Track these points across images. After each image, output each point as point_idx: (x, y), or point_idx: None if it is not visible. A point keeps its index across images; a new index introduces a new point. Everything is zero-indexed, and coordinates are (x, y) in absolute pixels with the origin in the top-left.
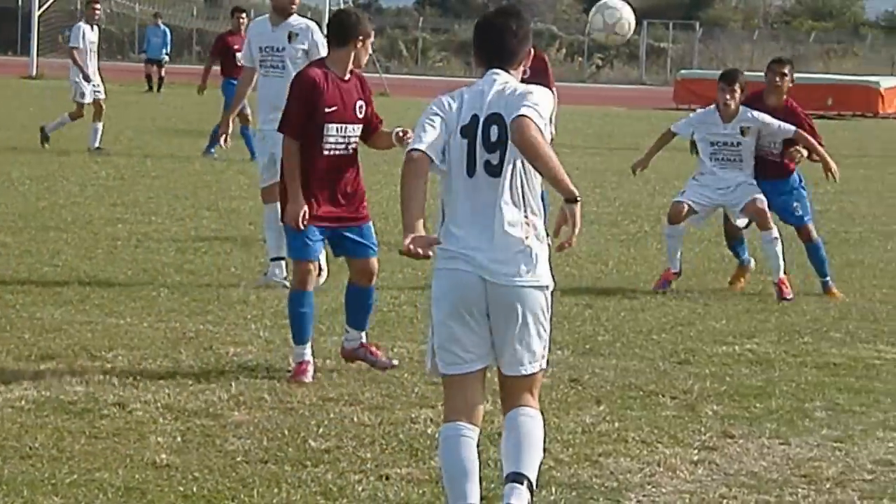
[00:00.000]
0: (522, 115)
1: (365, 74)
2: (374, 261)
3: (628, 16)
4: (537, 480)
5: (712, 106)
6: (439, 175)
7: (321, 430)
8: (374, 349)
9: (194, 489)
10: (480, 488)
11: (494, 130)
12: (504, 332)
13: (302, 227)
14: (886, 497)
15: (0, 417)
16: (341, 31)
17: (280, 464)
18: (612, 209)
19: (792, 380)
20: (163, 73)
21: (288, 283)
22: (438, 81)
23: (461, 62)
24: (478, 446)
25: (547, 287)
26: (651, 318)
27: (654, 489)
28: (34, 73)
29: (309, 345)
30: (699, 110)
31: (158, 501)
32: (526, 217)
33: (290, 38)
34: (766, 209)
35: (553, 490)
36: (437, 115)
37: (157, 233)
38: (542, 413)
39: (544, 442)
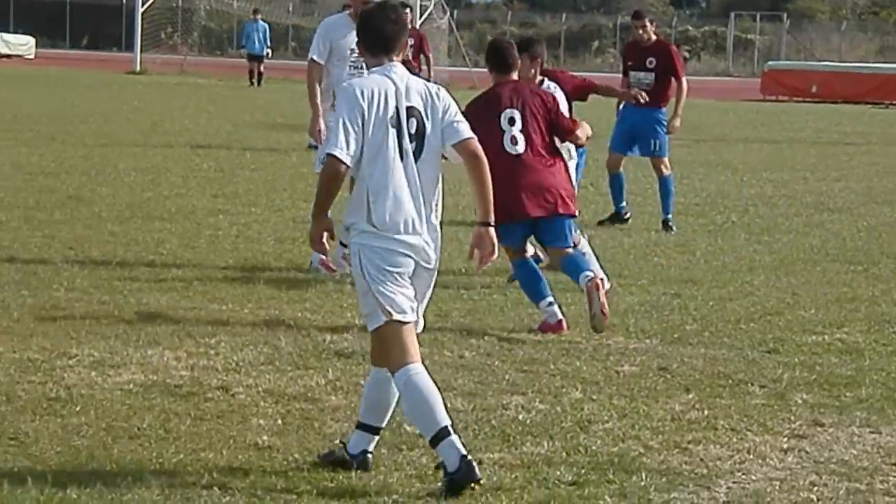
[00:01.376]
0: (471, 139)
1: (454, 68)
2: None
3: None
4: (627, 467)
5: None
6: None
7: None
8: None
9: (294, 470)
10: None
11: (413, 123)
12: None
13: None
14: None
15: (109, 400)
16: None
17: (376, 447)
18: (700, 199)
19: (882, 369)
20: (262, 69)
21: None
22: None
23: (549, 55)
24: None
25: None
26: (739, 308)
27: (743, 476)
28: (137, 68)
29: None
30: None
31: (260, 481)
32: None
33: None
34: None
35: (643, 476)
36: (358, 112)
37: (257, 223)
38: (632, 400)
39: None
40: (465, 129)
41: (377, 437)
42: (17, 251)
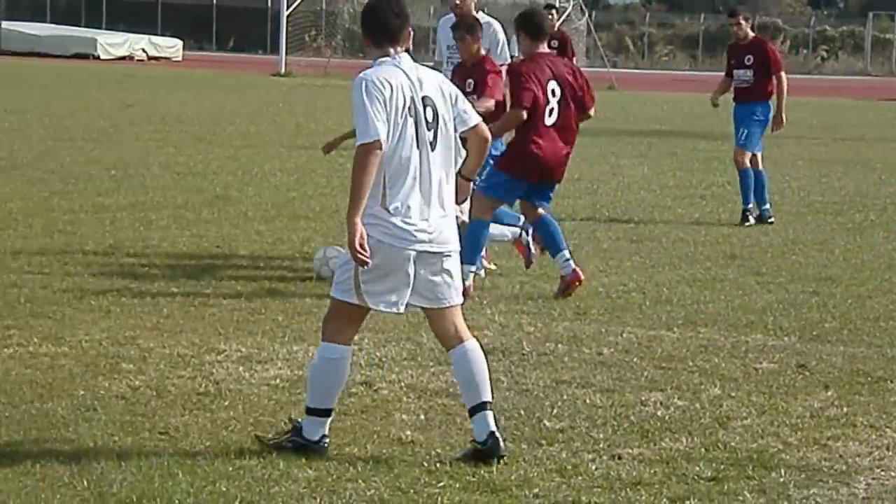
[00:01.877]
0: (479, 124)
1: (593, 69)
2: None
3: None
4: (766, 463)
5: None
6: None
7: (555, 410)
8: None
9: (437, 464)
10: None
11: (429, 112)
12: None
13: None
14: None
15: (257, 395)
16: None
17: (517, 442)
18: (838, 198)
19: None
20: None
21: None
22: (664, 75)
23: (686, 56)
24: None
25: None
26: (878, 306)
27: (883, 472)
28: (283, 70)
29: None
30: None
31: (404, 475)
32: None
33: None
34: None
35: (782, 472)
36: (380, 100)
37: None
38: (771, 397)
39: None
40: (473, 117)
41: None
42: (166, 249)
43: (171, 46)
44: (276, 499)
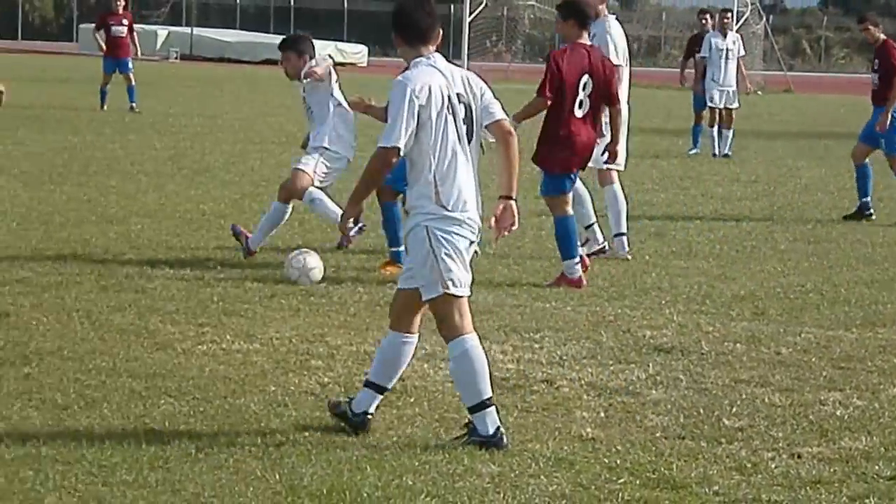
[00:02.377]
0: (504, 119)
1: (769, 72)
2: None
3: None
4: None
5: None
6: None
7: (734, 409)
8: None
9: (617, 461)
10: None
11: (462, 108)
12: None
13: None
14: None
15: (441, 391)
16: None
17: (696, 440)
18: None
19: None
20: None
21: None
22: (841, 78)
23: (864, 59)
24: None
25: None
26: None
27: None
28: None
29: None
30: None
31: (585, 472)
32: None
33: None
34: None
35: None
36: (415, 110)
37: None
38: None
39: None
40: (499, 110)
41: (380, 398)
42: (352, 250)
43: (356, 52)
44: (460, 493)
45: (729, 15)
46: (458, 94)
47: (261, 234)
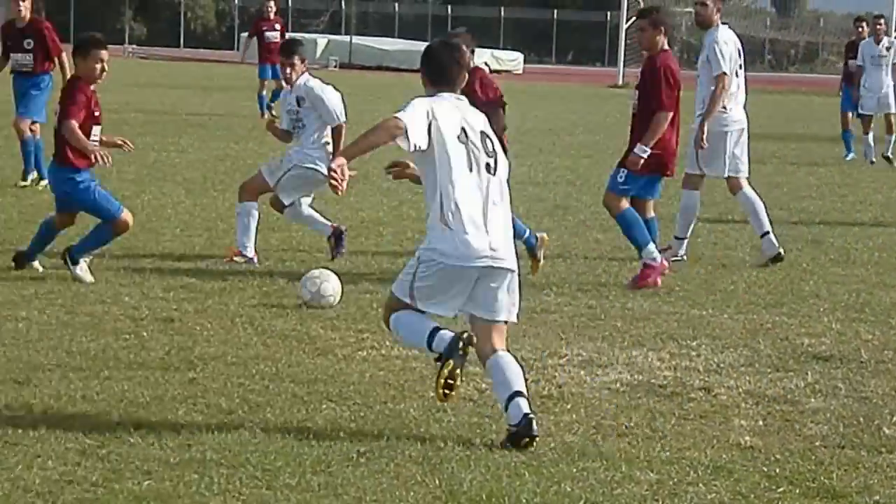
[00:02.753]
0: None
1: None
2: None
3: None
4: None
5: None
6: (405, 147)
7: (895, 418)
8: None
9: (776, 470)
10: None
11: (489, 143)
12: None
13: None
14: None
15: (598, 398)
16: None
17: (856, 449)
18: None
19: None
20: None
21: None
22: None
23: None
24: None
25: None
26: None
27: None
28: (620, 82)
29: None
30: None
31: (744, 480)
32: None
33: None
34: None
35: None
36: (427, 116)
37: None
38: None
39: None
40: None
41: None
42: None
43: (512, 59)
44: (618, 500)
45: (882, 21)
46: (481, 132)
47: (244, 237)
